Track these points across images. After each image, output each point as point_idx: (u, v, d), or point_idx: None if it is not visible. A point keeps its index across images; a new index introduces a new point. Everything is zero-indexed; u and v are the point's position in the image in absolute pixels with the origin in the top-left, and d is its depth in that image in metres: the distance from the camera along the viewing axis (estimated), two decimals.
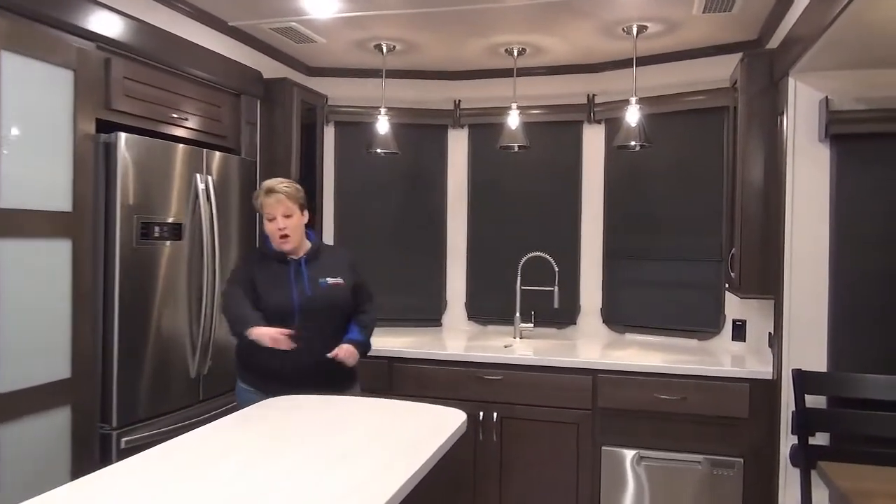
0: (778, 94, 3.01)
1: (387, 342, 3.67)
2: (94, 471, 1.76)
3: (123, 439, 2.64)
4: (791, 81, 2.87)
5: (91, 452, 2.58)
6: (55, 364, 2.44)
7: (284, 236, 2.59)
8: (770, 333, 3.17)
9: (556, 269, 3.85)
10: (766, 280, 3.07)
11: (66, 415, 2.48)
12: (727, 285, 3.49)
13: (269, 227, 2.61)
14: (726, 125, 3.59)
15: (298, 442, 2.01)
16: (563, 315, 4.06)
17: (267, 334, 2.39)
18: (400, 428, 2.18)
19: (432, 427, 2.17)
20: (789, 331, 2.89)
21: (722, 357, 3.42)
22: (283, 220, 2.58)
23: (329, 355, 2.52)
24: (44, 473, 2.39)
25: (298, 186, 2.68)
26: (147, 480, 1.69)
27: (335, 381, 2.61)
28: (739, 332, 3.61)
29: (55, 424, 2.45)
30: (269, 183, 2.64)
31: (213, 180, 3.07)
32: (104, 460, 2.60)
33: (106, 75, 2.64)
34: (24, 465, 2.33)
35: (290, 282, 2.61)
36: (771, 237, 3.05)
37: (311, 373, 2.52)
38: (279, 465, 1.80)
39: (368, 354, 2.80)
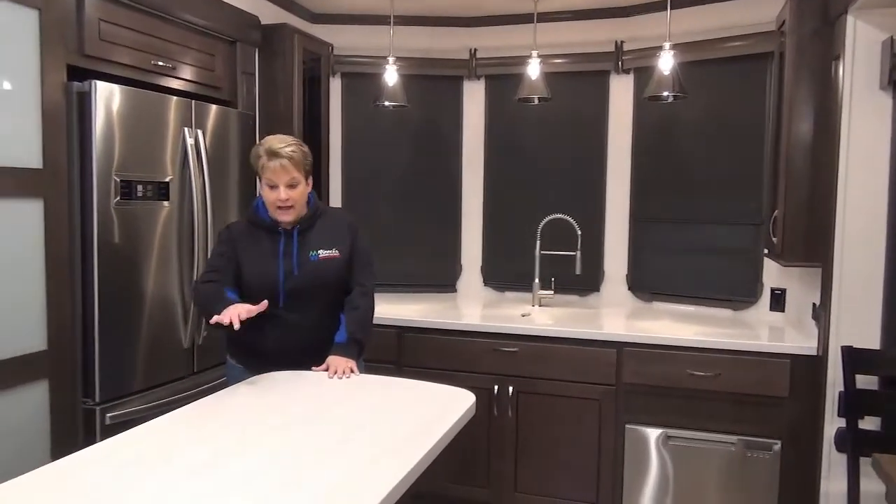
0: (833, 35, 2.66)
1: (397, 310, 3.44)
2: (77, 448, 1.62)
3: (108, 415, 2.45)
4: (850, 20, 2.52)
5: (74, 429, 2.40)
6: (29, 335, 2.24)
7: (286, 208, 2.23)
8: (814, 305, 2.87)
9: (579, 232, 3.56)
10: (812, 246, 2.76)
11: (43, 389, 2.29)
12: (767, 251, 3.18)
13: (269, 196, 2.21)
14: (770, 73, 3.24)
15: (283, 427, 1.79)
16: (585, 281, 3.78)
17: (229, 316, 1.99)
18: (400, 412, 1.95)
19: (437, 411, 1.94)
20: (839, 303, 2.59)
21: (759, 329, 3.14)
22: (287, 190, 2.18)
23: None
24: (23, 452, 2.22)
25: (306, 149, 2.26)
26: (108, 470, 1.49)
27: None
28: (778, 301, 3.32)
29: (32, 400, 2.26)
30: (272, 143, 2.20)
31: (204, 135, 2.82)
32: (88, 436, 2.42)
33: (78, 16, 2.37)
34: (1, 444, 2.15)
35: (277, 258, 2.27)
36: (820, 199, 2.73)
37: (303, 355, 2.26)
38: (256, 456, 1.59)
39: (375, 324, 2.53)
